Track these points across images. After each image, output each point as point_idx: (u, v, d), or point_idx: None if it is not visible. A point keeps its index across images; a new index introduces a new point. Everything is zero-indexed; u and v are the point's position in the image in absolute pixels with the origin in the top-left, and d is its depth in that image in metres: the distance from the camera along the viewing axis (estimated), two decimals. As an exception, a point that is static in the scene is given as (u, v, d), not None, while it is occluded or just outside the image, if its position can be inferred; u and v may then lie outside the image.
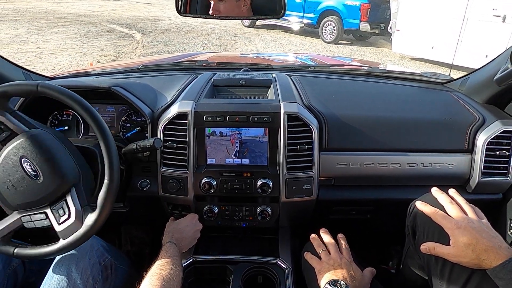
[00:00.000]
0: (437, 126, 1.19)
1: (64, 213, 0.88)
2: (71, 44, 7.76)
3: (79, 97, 0.90)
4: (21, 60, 6.16)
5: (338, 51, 8.42)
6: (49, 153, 0.88)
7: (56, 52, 6.94)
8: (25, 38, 8.06)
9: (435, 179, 1.18)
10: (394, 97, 1.38)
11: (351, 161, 1.16)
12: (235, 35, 9.65)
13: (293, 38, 9.79)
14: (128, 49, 7.58)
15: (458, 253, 0.78)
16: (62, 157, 0.90)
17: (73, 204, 0.88)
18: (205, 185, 1.12)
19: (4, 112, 0.90)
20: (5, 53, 6.26)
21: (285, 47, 8.62)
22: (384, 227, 1.47)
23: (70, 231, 0.88)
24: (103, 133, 0.89)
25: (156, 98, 1.25)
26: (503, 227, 1.16)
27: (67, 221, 0.88)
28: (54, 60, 6.37)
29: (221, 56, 2.65)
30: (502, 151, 1.14)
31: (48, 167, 0.87)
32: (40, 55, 6.66)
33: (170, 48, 7.87)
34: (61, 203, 0.89)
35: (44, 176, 0.87)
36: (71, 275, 0.91)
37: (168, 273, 0.86)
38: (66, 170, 0.89)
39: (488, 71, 1.25)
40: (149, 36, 9.02)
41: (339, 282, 0.84)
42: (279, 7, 1.24)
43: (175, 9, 1.35)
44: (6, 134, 0.91)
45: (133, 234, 1.63)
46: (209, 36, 9.36)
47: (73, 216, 0.88)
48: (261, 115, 1.11)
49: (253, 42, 9.05)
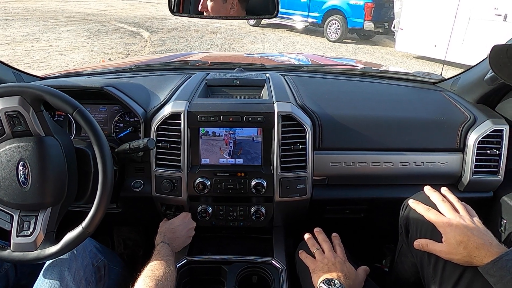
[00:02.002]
0: (429, 125, 1.20)
1: (28, 228, 0.87)
2: (82, 42, 8.01)
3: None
4: (36, 57, 6.48)
5: (342, 49, 8.55)
6: (47, 166, 0.87)
7: (69, 50, 7.19)
8: (38, 36, 8.33)
9: (428, 177, 1.19)
10: (387, 97, 1.39)
11: (345, 161, 1.17)
12: (241, 34, 9.78)
13: (298, 37, 9.93)
14: (137, 47, 7.74)
15: (450, 250, 0.79)
16: (57, 174, 0.88)
17: (41, 225, 0.87)
18: (199, 185, 1.11)
19: (31, 109, 0.87)
20: (20, 50, 6.73)
21: (290, 46, 8.72)
22: (378, 225, 1.48)
23: (22, 248, 0.87)
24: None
25: (149, 98, 1.25)
26: (494, 225, 1.18)
27: (26, 237, 0.87)
28: (67, 58, 6.61)
29: (214, 56, 2.64)
30: (492, 150, 1.15)
31: (39, 180, 0.86)
32: (53, 53, 6.91)
33: (178, 46, 8.00)
34: (31, 216, 0.88)
35: (32, 187, 0.86)
36: (64, 277, 0.90)
37: (162, 273, 0.85)
38: (54, 189, 0.88)
39: (479, 71, 1.26)
40: (156, 34, 9.20)
41: (333, 281, 0.85)
42: (272, 7, 1.24)
43: (168, 9, 1.35)
44: (22, 129, 0.88)
45: (126, 235, 1.61)
46: (216, 35, 9.49)
47: (34, 237, 0.86)
48: (255, 115, 1.11)
49: (259, 40, 9.16)
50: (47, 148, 0.87)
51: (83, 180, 0.95)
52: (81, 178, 0.95)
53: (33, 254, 0.86)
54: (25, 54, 6.73)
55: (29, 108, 0.87)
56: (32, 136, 0.89)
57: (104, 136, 0.90)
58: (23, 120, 0.87)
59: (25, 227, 0.87)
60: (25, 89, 0.87)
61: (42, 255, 0.86)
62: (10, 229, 0.88)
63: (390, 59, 7.78)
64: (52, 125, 0.91)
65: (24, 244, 0.87)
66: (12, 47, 7.27)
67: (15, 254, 0.87)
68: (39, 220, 0.87)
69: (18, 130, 0.88)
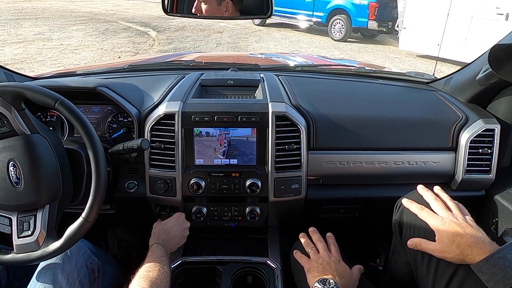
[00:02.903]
0: (422, 125, 1.21)
1: (28, 228, 0.86)
2: (91, 41, 8.19)
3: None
4: (48, 55, 6.67)
5: (346, 48, 8.67)
6: (38, 164, 0.86)
7: (79, 48, 7.39)
8: (48, 35, 8.55)
9: (421, 177, 1.20)
10: (381, 97, 1.40)
11: (339, 160, 1.17)
12: (246, 33, 9.92)
13: (303, 36, 10.04)
14: (146, 46, 7.88)
15: (443, 248, 0.80)
16: (50, 171, 0.87)
17: (41, 223, 0.86)
18: (193, 186, 1.11)
19: (13, 108, 0.86)
20: (33, 49, 6.92)
21: (295, 45, 8.83)
22: (372, 225, 1.49)
23: (26, 248, 0.86)
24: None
25: (142, 98, 1.24)
26: (486, 223, 1.19)
27: (27, 237, 0.86)
28: (78, 56, 6.79)
29: (208, 56, 2.63)
30: (484, 149, 1.17)
31: (32, 179, 0.85)
32: (65, 51, 7.10)
33: (185, 45, 8.16)
34: (30, 216, 0.86)
35: (25, 186, 0.85)
36: (57, 279, 0.89)
37: (156, 274, 0.85)
38: (49, 186, 0.87)
39: (470, 71, 1.28)
40: (164, 33, 9.36)
41: (328, 281, 0.85)
42: (266, 7, 1.24)
43: (162, 9, 1.35)
44: (6, 130, 0.87)
45: (120, 237, 1.60)
46: (221, 34, 9.62)
47: (35, 236, 0.85)
48: (249, 115, 1.10)
49: (264, 40, 9.27)
50: (35, 145, 0.86)
51: (77, 181, 0.94)
52: (74, 179, 0.94)
53: (37, 253, 0.85)
54: (38, 52, 6.87)
55: (11, 108, 0.86)
56: (18, 135, 0.87)
57: (90, 124, 0.89)
58: (6, 120, 0.86)
59: (25, 227, 0.86)
60: (3, 89, 0.85)
61: (46, 252, 0.85)
62: (10, 232, 0.87)
63: (393, 58, 7.91)
64: (37, 123, 0.90)
65: (27, 245, 0.85)
66: (24, 45, 7.40)
67: (19, 256, 0.86)
68: (38, 219, 0.86)
69: (2, 132, 0.87)
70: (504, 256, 0.72)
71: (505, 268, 0.70)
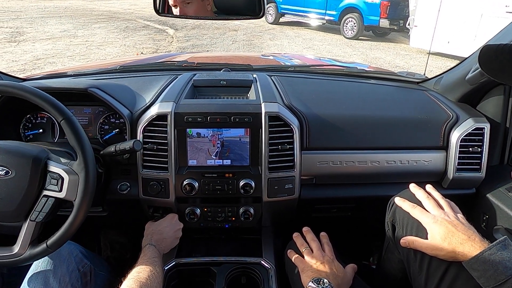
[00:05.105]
0: (414, 124, 1.23)
1: (56, 178, 0.86)
2: (114, 38, 8.57)
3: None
4: (76, 51, 7.01)
5: (358, 46, 8.82)
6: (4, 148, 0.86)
7: (104, 44, 7.77)
8: (73, 33, 8.95)
9: (413, 175, 1.21)
10: (373, 96, 1.41)
11: (332, 160, 1.18)
12: (260, 31, 10.10)
13: (316, 34, 10.18)
14: (165, 43, 8.20)
15: (435, 246, 0.81)
16: (19, 146, 0.87)
17: (59, 168, 0.87)
18: (186, 187, 1.10)
19: None
20: (61, 45, 7.61)
21: (308, 42, 8.97)
22: (365, 223, 1.50)
23: (74, 185, 0.86)
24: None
25: (134, 99, 1.23)
26: (477, 221, 1.21)
27: (64, 183, 0.86)
28: (103, 51, 7.13)
29: (201, 57, 2.62)
30: (474, 147, 1.18)
31: (13, 159, 0.84)
32: (91, 47, 7.46)
33: (202, 42, 8.41)
34: (46, 177, 0.86)
35: (15, 170, 0.84)
36: (49, 283, 0.88)
37: (147, 275, 0.84)
38: (31, 151, 0.86)
39: (460, 70, 1.30)
40: (181, 31, 9.61)
41: (322, 280, 0.85)
42: (258, 8, 1.24)
43: (153, 10, 1.34)
44: None
45: (113, 239, 1.59)
46: (236, 32, 9.83)
47: (66, 176, 0.86)
48: (242, 116, 1.10)
49: (278, 37, 9.41)
50: None
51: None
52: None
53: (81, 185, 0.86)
54: (66, 48, 7.22)
55: None
56: None
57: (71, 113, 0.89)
58: None
59: (53, 183, 0.86)
60: None
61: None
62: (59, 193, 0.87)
63: (404, 55, 8.03)
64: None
65: (71, 183, 0.86)
66: (53, 42, 7.76)
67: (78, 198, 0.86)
68: (53, 169, 0.87)
69: None
70: (494, 253, 0.73)
71: (496, 265, 0.71)
